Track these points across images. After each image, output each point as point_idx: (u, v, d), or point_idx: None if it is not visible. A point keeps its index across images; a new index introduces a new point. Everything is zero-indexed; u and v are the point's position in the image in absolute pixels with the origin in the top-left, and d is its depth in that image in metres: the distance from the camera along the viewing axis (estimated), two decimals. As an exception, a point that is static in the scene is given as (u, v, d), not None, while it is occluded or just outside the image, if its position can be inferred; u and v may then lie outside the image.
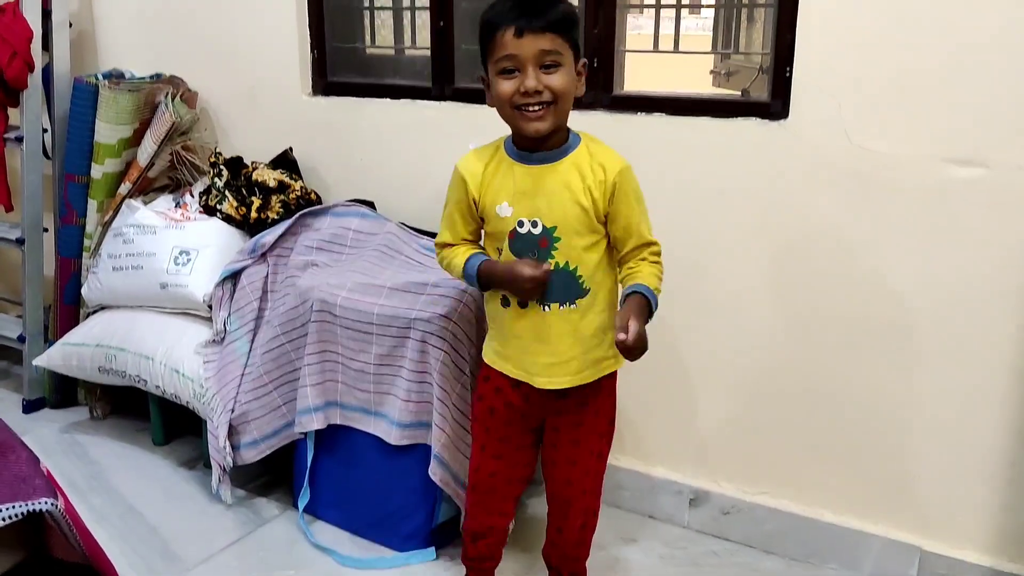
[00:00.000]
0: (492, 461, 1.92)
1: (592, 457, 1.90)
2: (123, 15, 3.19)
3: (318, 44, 2.86)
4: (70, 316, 3.06)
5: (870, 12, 1.99)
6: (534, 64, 1.62)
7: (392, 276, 2.37)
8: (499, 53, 1.64)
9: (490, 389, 1.89)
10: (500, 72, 1.65)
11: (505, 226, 1.74)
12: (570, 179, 1.70)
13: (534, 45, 1.61)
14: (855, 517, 2.26)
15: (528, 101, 1.63)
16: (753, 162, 2.20)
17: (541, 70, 1.63)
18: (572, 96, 1.68)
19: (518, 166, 1.73)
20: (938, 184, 2.00)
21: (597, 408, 1.87)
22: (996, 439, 2.07)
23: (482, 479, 1.94)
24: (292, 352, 2.42)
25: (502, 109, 1.69)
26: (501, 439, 1.90)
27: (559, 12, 1.63)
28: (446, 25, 2.61)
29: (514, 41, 1.61)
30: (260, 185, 2.73)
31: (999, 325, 2.01)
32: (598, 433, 1.90)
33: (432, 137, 2.64)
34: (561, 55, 1.63)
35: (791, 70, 2.13)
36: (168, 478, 2.72)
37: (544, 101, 1.64)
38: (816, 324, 2.21)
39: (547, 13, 1.61)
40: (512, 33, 1.61)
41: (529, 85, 1.62)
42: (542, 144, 1.71)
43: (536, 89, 1.62)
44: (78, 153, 2.95)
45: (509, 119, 1.70)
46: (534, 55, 1.61)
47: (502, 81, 1.65)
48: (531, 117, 1.65)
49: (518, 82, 1.63)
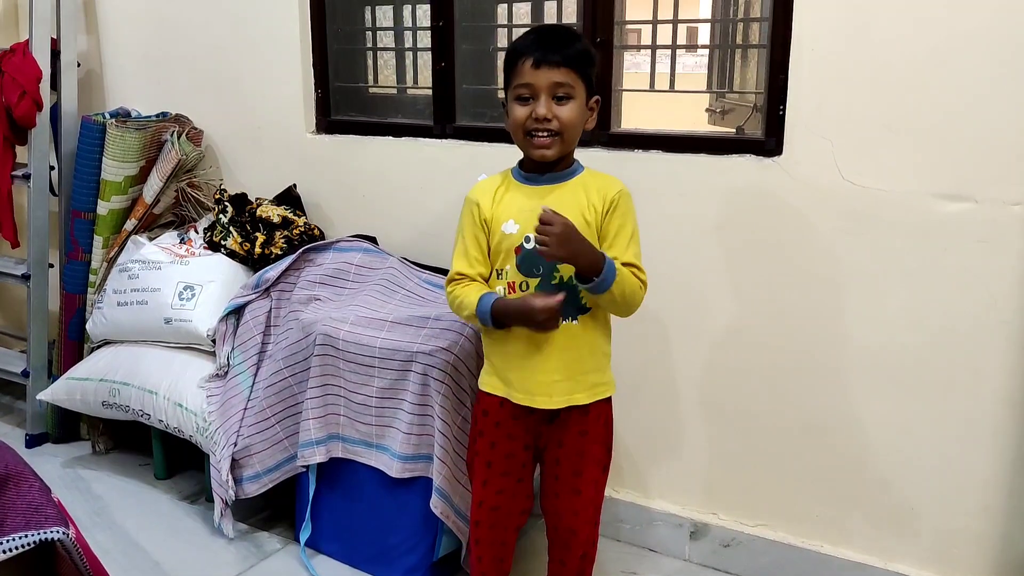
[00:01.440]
0: (494, 496, 1.93)
1: (593, 486, 1.93)
2: (130, 56, 3.26)
3: (322, 83, 2.92)
4: (74, 351, 3.08)
5: (860, 52, 2.05)
6: (547, 94, 1.73)
7: (394, 310, 2.41)
8: (517, 80, 1.76)
9: (490, 424, 1.91)
10: (516, 98, 1.77)
11: (511, 243, 1.80)
12: (575, 196, 1.79)
13: (549, 77, 1.73)
14: (854, 549, 2.27)
15: (538, 127, 1.74)
16: (748, 198, 2.25)
17: (553, 101, 1.74)
18: (579, 128, 1.79)
19: (525, 186, 1.83)
20: (928, 219, 2.04)
21: (596, 436, 1.90)
22: (992, 470, 2.09)
23: (485, 514, 1.96)
24: (295, 386, 2.45)
25: (515, 133, 1.80)
26: (503, 474, 1.92)
27: (576, 49, 1.75)
28: (447, 66, 2.67)
29: (531, 71, 1.73)
30: (264, 221, 2.77)
31: (990, 357, 2.04)
32: (597, 461, 1.92)
33: (433, 174, 2.69)
34: (573, 88, 1.75)
35: (784, 109, 2.18)
36: (170, 512, 2.72)
37: (552, 130, 1.74)
38: (812, 357, 2.24)
39: (564, 49, 1.73)
40: (531, 64, 1.73)
41: (540, 112, 1.73)
42: (549, 169, 1.81)
43: (546, 117, 1.73)
44: (85, 190, 3.00)
45: (520, 143, 1.81)
46: (548, 86, 1.73)
47: (517, 107, 1.77)
48: (539, 144, 1.76)
49: (531, 109, 1.74)
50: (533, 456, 1.93)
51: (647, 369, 2.44)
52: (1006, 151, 1.95)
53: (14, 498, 1.32)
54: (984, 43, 1.93)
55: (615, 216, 1.78)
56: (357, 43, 3.05)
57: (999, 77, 1.93)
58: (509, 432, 1.89)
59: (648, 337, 2.41)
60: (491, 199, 1.84)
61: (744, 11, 2.75)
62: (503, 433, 1.89)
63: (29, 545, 1.26)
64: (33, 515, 1.30)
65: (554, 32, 1.80)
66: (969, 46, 1.94)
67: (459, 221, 1.89)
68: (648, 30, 2.53)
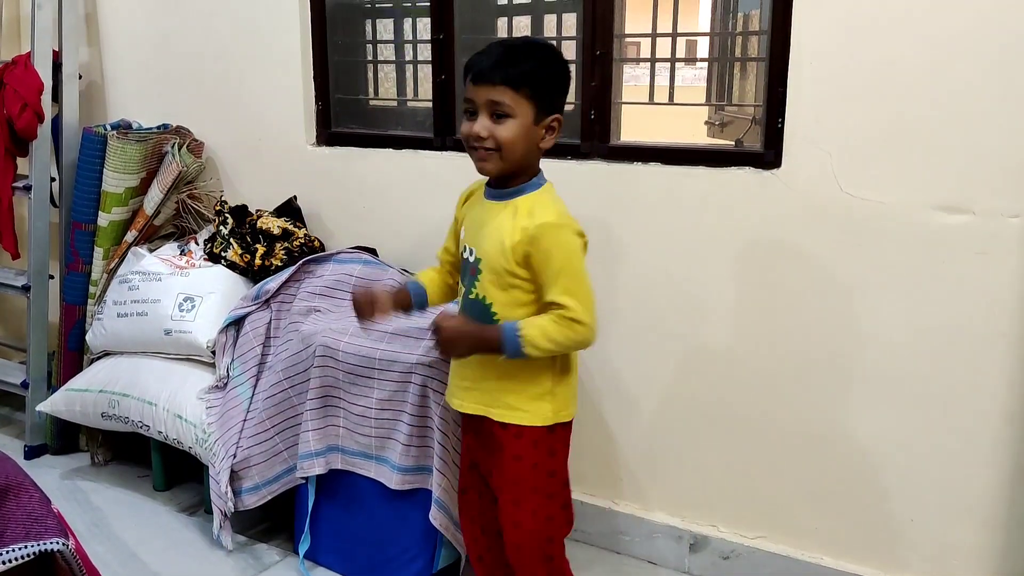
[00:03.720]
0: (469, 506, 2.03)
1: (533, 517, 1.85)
2: (131, 68, 3.27)
3: (322, 96, 2.93)
4: (74, 362, 3.08)
5: (858, 65, 2.06)
6: (485, 111, 1.72)
7: (393, 321, 2.41)
8: (465, 95, 1.76)
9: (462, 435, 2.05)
10: (465, 112, 1.78)
11: (460, 250, 1.88)
12: (505, 218, 1.77)
13: (486, 94, 1.71)
14: (853, 561, 2.27)
15: (475, 145, 1.74)
16: (747, 210, 2.25)
17: (493, 118, 1.72)
18: (521, 147, 1.73)
19: (484, 200, 1.85)
20: (926, 231, 2.05)
21: (534, 462, 1.83)
22: (991, 482, 2.09)
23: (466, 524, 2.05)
24: (294, 397, 2.45)
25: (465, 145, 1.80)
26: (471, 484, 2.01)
27: (521, 69, 1.70)
28: (447, 78, 2.68)
29: (472, 87, 1.74)
30: (264, 232, 2.78)
31: (989, 369, 2.04)
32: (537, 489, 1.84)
33: (433, 186, 2.70)
34: (512, 107, 1.71)
35: (783, 121, 2.19)
36: (169, 524, 2.72)
37: (487, 147, 1.73)
38: (811, 369, 2.24)
39: (508, 68, 1.70)
40: (471, 79, 1.74)
41: (474, 130, 1.73)
42: (505, 184, 1.80)
43: (479, 135, 1.72)
44: (85, 201, 3.00)
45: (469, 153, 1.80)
46: (484, 103, 1.72)
47: (464, 121, 1.77)
48: (477, 158, 1.77)
49: (470, 124, 1.74)
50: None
51: (646, 381, 2.45)
52: (1004, 163, 1.95)
53: (14, 509, 1.32)
54: (982, 56, 1.94)
55: (536, 251, 1.71)
56: (358, 55, 3.07)
57: (997, 90, 1.94)
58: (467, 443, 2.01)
59: (647, 349, 2.41)
60: (463, 201, 1.95)
61: (743, 24, 2.77)
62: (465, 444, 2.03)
63: (29, 556, 1.27)
64: (33, 526, 1.30)
65: (507, 49, 1.75)
66: (967, 59, 1.95)
67: None
68: (647, 43, 2.54)
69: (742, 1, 2.77)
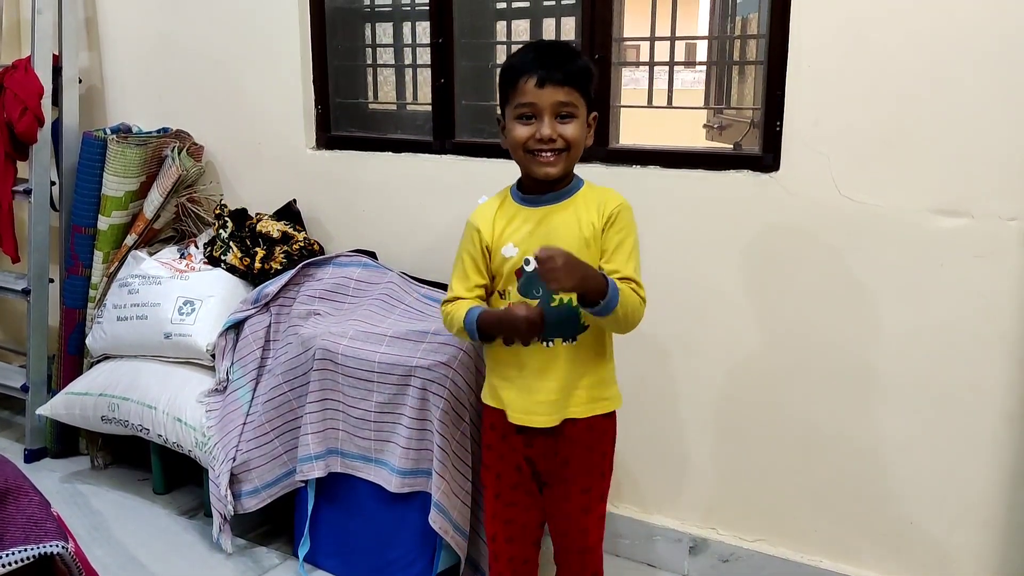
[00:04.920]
0: (506, 509, 1.91)
1: (602, 503, 1.92)
2: (131, 72, 3.28)
3: (322, 99, 2.94)
4: (74, 366, 3.08)
5: (857, 68, 2.07)
6: (551, 113, 1.71)
7: (393, 324, 2.41)
8: (519, 99, 1.72)
9: (497, 437, 1.90)
10: (518, 117, 1.73)
11: (512, 265, 1.78)
12: (575, 215, 1.77)
13: (552, 96, 1.70)
14: (853, 564, 2.27)
15: (542, 147, 1.72)
16: (745, 213, 2.26)
17: (556, 119, 1.71)
18: (583, 145, 1.77)
19: (524, 209, 1.80)
20: (925, 234, 2.05)
21: (603, 450, 1.89)
22: (991, 484, 2.09)
23: (500, 527, 1.93)
24: (294, 400, 2.45)
25: (515, 151, 1.77)
26: (513, 486, 1.90)
27: (577, 67, 1.73)
28: (447, 82, 2.69)
29: (535, 90, 1.70)
30: (264, 236, 2.78)
31: (988, 371, 2.04)
32: (604, 476, 1.91)
33: (432, 189, 2.70)
34: (576, 107, 1.72)
35: (781, 124, 2.19)
36: (169, 527, 2.72)
37: (557, 148, 1.72)
38: (810, 372, 2.24)
39: (567, 67, 1.71)
40: (534, 82, 1.70)
41: (544, 133, 1.70)
42: (550, 188, 1.78)
43: (551, 137, 1.71)
44: (85, 205, 3.01)
45: (521, 161, 1.77)
46: (551, 105, 1.70)
47: (519, 126, 1.73)
48: (543, 161, 1.73)
49: (534, 128, 1.71)
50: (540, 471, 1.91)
51: (645, 384, 2.45)
52: (1003, 166, 1.96)
53: (14, 512, 1.32)
54: (981, 59, 1.95)
55: (613, 230, 1.75)
56: (357, 59, 3.07)
57: (996, 93, 1.94)
58: (513, 445, 1.87)
59: (646, 352, 2.41)
60: (491, 225, 1.81)
61: (742, 28, 2.77)
62: (509, 446, 1.88)
63: (29, 559, 1.27)
64: (33, 529, 1.30)
65: (555, 49, 1.77)
66: (966, 62, 1.96)
67: (460, 243, 1.87)
68: (646, 47, 2.54)
69: (741, 5, 2.78)
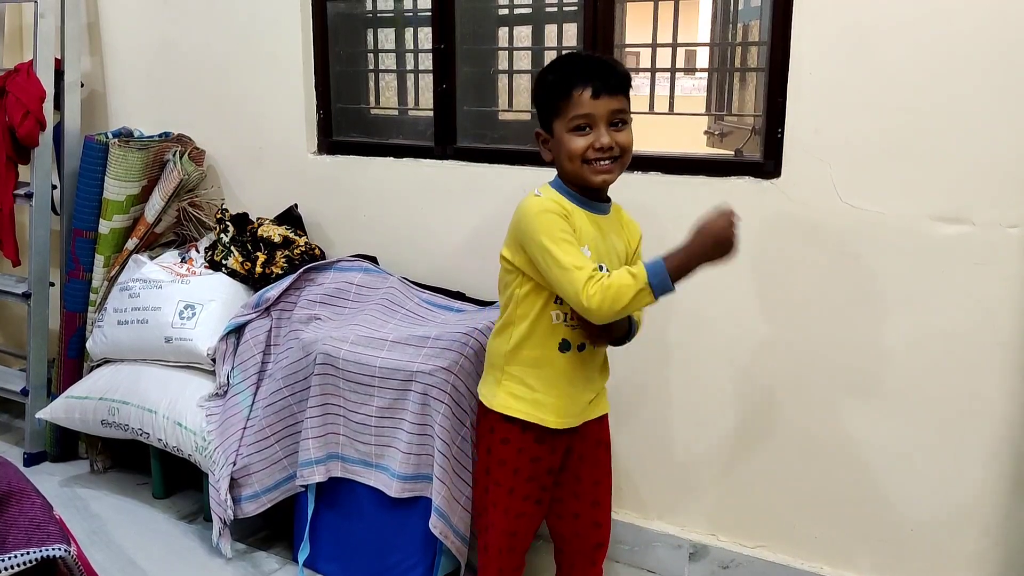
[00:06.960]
0: (514, 521, 1.91)
1: (610, 496, 1.98)
2: (133, 76, 3.28)
3: (324, 104, 2.94)
4: (74, 370, 3.08)
5: (858, 76, 2.08)
6: (606, 122, 1.73)
7: (394, 329, 2.42)
8: (575, 112, 1.73)
9: (512, 452, 1.86)
10: (573, 129, 1.74)
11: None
12: (616, 227, 1.86)
13: (608, 105, 1.73)
14: (853, 570, 2.27)
15: (601, 156, 1.74)
16: (746, 220, 2.23)
17: (610, 127, 1.74)
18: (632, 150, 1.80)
19: (588, 213, 1.80)
20: (925, 241, 2.06)
21: (607, 444, 1.98)
22: (990, 491, 2.09)
23: (504, 540, 1.92)
24: (294, 405, 2.45)
25: (571, 163, 1.75)
26: (525, 498, 1.89)
27: (624, 74, 1.77)
28: (448, 87, 2.70)
29: (591, 101, 1.72)
30: (265, 240, 2.79)
31: (988, 378, 2.05)
32: (609, 470, 1.99)
33: (434, 195, 2.71)
34: (627, 113, 1.76)
35: (782, 131, 2.20)
36: (168, 532, 2.72)
37: (614, 156, 1.75)
38: (810, 378, 2.25)
39: (617, 75, 1.75)
40: (589, 94, 1.71)
41: (604, 142, 1.72)
42: (598, 195, 1.83)
43: (609, 145, 1.73)
44: (86, 209, 3.01)
45: (577, 171, 1.76)
46: (607, 114, 1.73)
47: (576, 137, 1.74)
48: (601, 170, 1.75)
49: (591, 138, 1.73)
50: (555, 478, 1.92)
51: (646, 390, 2.45)
52: (1003, 174, 1.97)
53: (16, 515, 1.32)
54: (981, 67, 1.95)
55: (635, 256, 1.90)
56: (359, 65, 3.08)
57: (996, 101, 1.95)
58: (533, 456, 1.86)
59: (646, 358, 2.41)
60: (572, 218, 1.76)
61: (743, 35, 2.78)
62: (527, 458, 1.86)
63: (31, 562, 1.27)
64: (35, 532, 1.30)
65: (598, 60, 1.79)
66: (966, 70, 1.97)
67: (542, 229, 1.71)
68: (647, 53, 2.55)
69: (742, 12, 2.78)
